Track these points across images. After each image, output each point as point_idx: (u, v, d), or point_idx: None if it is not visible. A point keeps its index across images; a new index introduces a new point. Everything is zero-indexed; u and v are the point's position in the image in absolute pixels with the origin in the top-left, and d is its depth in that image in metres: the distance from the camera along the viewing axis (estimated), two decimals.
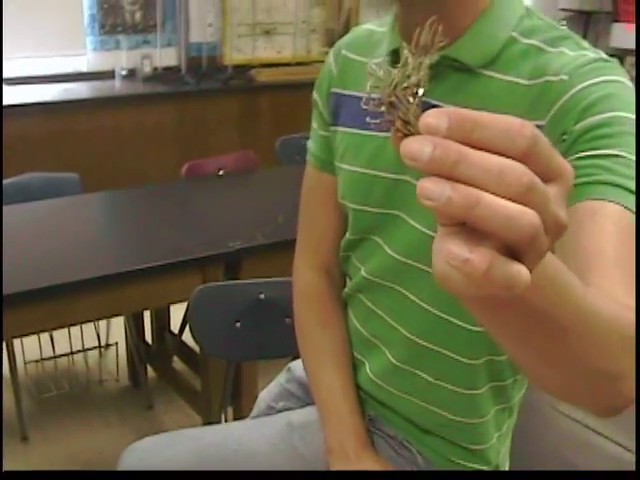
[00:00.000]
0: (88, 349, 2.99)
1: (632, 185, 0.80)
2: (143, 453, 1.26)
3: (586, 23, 5.61)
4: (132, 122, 4.15)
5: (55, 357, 2.92)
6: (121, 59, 4.44)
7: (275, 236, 2.36)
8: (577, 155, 0.84)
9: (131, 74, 4.45)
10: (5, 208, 2.53)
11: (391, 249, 1.06)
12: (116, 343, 2.97)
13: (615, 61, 0.94)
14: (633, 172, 0.81)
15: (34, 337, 2.80)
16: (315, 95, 1.21)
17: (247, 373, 2.43)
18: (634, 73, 5.28)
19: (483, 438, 1.10)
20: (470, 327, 1.00)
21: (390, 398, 1.13)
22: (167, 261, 2.17)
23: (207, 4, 4.62)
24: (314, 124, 1.20)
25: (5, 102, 3.82)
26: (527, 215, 0.43)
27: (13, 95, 3.93)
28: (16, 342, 2.71)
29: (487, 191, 0.43)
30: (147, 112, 4.21)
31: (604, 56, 0.94)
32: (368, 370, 1.15)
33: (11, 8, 3.96)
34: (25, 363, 2.86)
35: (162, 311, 2.91)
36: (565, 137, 0.86)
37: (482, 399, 1.08)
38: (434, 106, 0.93)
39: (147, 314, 2.92)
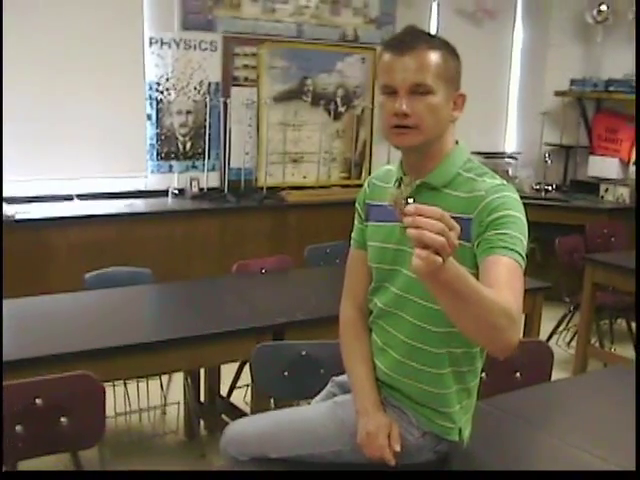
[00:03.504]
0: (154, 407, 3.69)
1: (515, 247, 1.60)
2: (238, 425, 2.00)
3: (566, 155, 6.49)
4: (182, 232, 4.98)
5: (126, 413, 3.62)
6: (173, 180, 5.33)
7: (308, 315, 3.11)
8: (488, 232, 1.63)
9: (181, 193, 5.31)
10: (102, 291, 3.33)
11: (394, 288, 1.82)
12: (178, 402, 3.68)
13: (508, 184, 1.73)
14: (516, 240, 1.60)
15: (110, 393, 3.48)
16: (357, 205, 1.99)
17: None
18: (609, 197, 6.11)
19: (449, 404, 1.81)
20: (440, 330, 1.75)
21: (394, 382, 1.85)
22: (233, 328, 2.91)
23: (245, 136, 5.52)
24: (355, 222, 1.99)
25: (79, 213, 4.68)
26: (441, 239, 1.22)
27: (86, 208, 4.80)
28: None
29: (431, 232, 1.22)
30: (195, 224, 5.05)
31: (504, 182, 1.73)
32: (382, 367, 1.88)
33: (89, 138, 4.86)
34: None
35: (213, 376, 3.63)
36: (482, 223, 1.65)
37: (446, 377, 1.80)
38: None
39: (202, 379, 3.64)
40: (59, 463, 2.98)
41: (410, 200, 1.34)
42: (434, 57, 1.70)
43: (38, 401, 2.21)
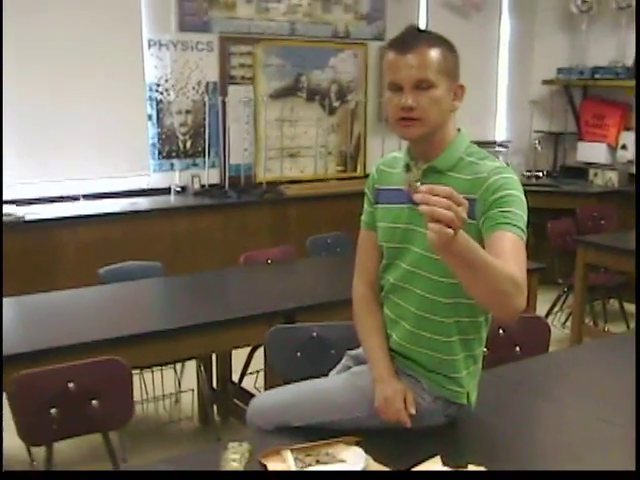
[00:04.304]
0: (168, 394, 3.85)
1: (518, 223, 1.76)
2: (262, 397, 2.18)
3: (556, 142, 6.66)
4: (186, 228, 5.13)
5: (143, 401, 3.77)
6: (175, 178, 5.47)
7: (316, 300, 3.27)
8: (492, 211, 1.78)
9: (183, 190, 5.46)
10: (116, 285, 3.48)
11: (404, 264, 1.97)
12: (192, 390, 3.83)
13: (507, 166, 1.89)
14: (518, 217, 1.76)
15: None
16: (366, 190, 2.14)
17: None
18: (598, 181, 6.28)
19: (458, 370, 1.96)
20: (448, 301, 1.91)
21: (407, 351, 2.00)
22: (246, 314, 3.07)
23: (243, 133, 5.67)
24: (365, 205, 2.14)
25: (87, 212, 4.83)
26: (450, 214, 1.38)
27: (92, 207, 4.95)
28: None
29: (441, 208, 1.38)
30: (198, 220, 5.20)
31: (503, 164, 1.89)
32: (395, 337, 2.03)
33: (92, 140, 5.01)
34: None
35: (225, 364, 3.79)
36: (486, 202, 1.80)
37: (454, 345, 1.95)
38: None
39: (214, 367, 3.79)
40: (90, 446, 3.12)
41: (418, 184, 1.51)
42: (434, 54, 1.86)
43: (71, 385, 2.36)
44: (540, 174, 6.44)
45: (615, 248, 4.58)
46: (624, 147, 6.22)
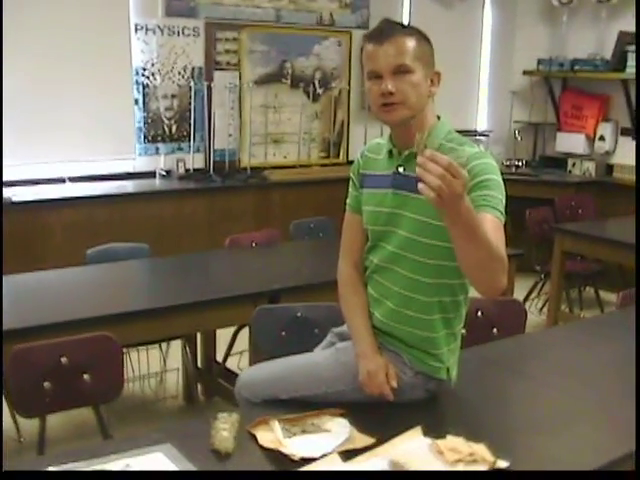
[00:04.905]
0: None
1: (497, 206, 1.86)
2: (251, 371, 2.26)
3: (535, 132, 6.77)
4: (170, 211, 5.19)
5: (128, 380, 3.84)
6: (160, 162, 5.53)
7: (301, 282, 3.35)
8: (473, 194, 1.87)
9: (168, 174, 5.52)
10: (103, 265, 3.54)
11: (389, 246, 2.06)
12: (177, 369, 3.91)
13: (485, 151, 2.00)
14: (497, 200, 1.86)
15: None
16: (351, 175, 2.22)
17: None
18: (576, 171, 6.40)
19: (438, 347, 2.06)
20: (431, 281, 2.00)
21: (390, 328, 2.10)
22: (232, 294, 3.15)
23: (228, 118, 5.73)
24: (350, 189, 2.22)
25: (73, 194, 4.89)
26: (437, 182, 1.52)
27: (78, 189, 5.00)
28: None
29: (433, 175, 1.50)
30: (183, 204, 5.27)
31: (481, 149, 1.99)
32: (378, 315, 2.12)
33: (79, 123, 5.05)
34: None
35: (210, 344, 3.88)
36: (466, 187, 1.89)
37: (436, 323, 2.05)
38: (413, 177, 1.98)
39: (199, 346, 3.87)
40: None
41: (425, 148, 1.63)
42: (410, 42, 1.97)
43: (63, 360, 2.43)
44: (520, 163, 6.55)
45: (591, 236, 4.70)
46: (602, 138, 6.34)
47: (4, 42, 4.68)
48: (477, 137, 6.71)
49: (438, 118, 2.09)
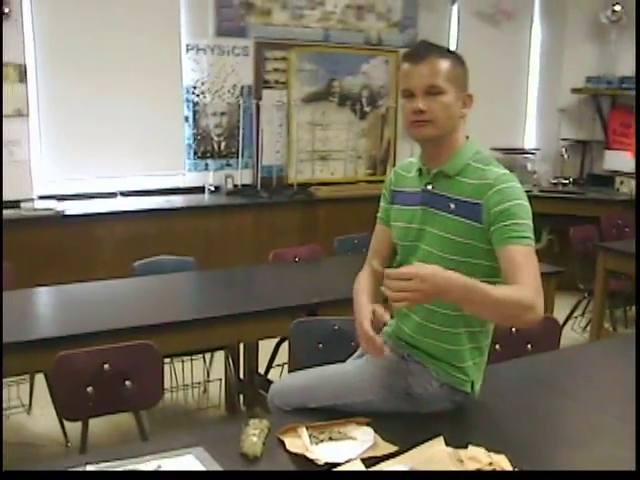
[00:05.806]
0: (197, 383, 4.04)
1: (525, 234, 1.93)
2: (283, 380, 2.34)
3: (583, 150, 6.75)
4: (218, 226, 5.32)
5: (172, 389, 3.95)
6: (209, 178, 5.68)
7: (339, 295, 3.41)
8: (502, 222, 1.94)
9: (217, 189, 5.68)
10: (150, 277, 3.66)
11: (415, 261, 2.12)
12: (219, 379, 4.00)
13: (511, 174, 2.05)
14: (525, 227, 1.94)
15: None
16: (384, 191, 2.31)
17: None
18: (624, 189, 6.36)
19: (463, 360, 2.11)
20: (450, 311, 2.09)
21: (416, 341, 2.16)
22: (272, 307, 3.24)
23: (276, 135, 5.86)
24: (382, 203, 2.31)
25: (123, 208, 5.05)
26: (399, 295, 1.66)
27: (129, 204, 5.17)
28: None
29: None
30: (230, 219, 5.40)
31: (507, 171, 2.05)
32: (406, 329, 2.19)
33: (131, 139, 5.22)
34: None
35: (252, 355, 3.96)
36: (491, 212, 1.97)
37: (461, 337, 2.11)
38: (440, 195, 2.05)
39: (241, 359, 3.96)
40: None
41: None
42: (444, 64, 2.04)
43: (106, 366, 2.54)
44: (567, 181, 6.53)
45: (634, 254, 4.66)
46: None
47: (63, 62, 4.88)
48: (525, 155, 6.71)
49: (467, 138, 2.16)
